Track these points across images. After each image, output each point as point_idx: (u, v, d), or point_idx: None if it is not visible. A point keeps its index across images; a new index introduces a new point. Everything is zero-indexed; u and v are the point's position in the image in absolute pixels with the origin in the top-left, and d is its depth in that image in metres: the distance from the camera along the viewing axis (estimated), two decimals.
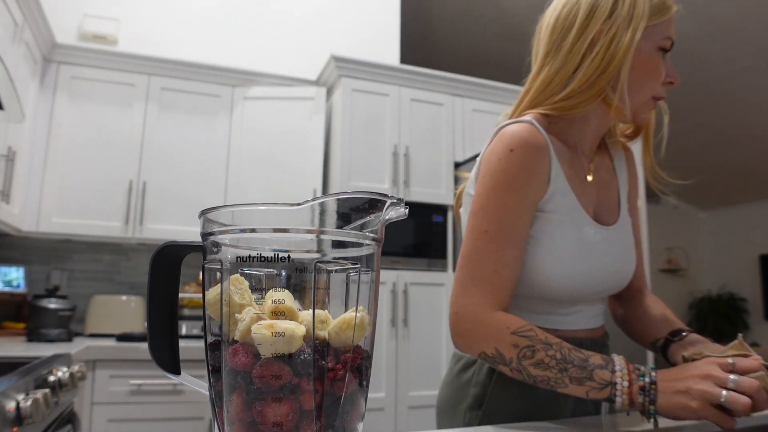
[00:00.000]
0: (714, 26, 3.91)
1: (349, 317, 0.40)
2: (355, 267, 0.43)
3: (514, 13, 4.17)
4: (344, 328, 0.40)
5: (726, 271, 6.84)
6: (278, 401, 0.38)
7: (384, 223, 0.44)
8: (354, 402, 0.42)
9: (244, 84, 2.79)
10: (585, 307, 0.89)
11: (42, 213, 2.42)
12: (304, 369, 0.38)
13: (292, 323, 0.39)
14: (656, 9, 0.82)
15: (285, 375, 0.38)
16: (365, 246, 0.44)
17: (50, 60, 2.52)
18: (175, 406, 2.14)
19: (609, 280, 0.88)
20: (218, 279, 0.42)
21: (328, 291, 0.42)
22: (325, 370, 0.39)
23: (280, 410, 0.38)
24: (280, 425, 0.38)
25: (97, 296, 2.60)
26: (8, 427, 1.09)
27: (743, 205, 6.77)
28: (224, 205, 0.43)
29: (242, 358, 0.39)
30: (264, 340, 0.38)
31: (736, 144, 5.40)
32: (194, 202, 2.62)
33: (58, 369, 1.52)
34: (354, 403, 0.42)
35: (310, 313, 0.40)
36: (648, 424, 0.72)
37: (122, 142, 2.57)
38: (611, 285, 0.90)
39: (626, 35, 0.79)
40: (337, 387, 0.40)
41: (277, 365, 0.38)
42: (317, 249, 0.42)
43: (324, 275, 0.42)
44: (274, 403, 0.38)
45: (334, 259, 0.42)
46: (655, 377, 0.70)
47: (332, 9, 3.33)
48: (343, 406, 0.40)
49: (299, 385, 0.38)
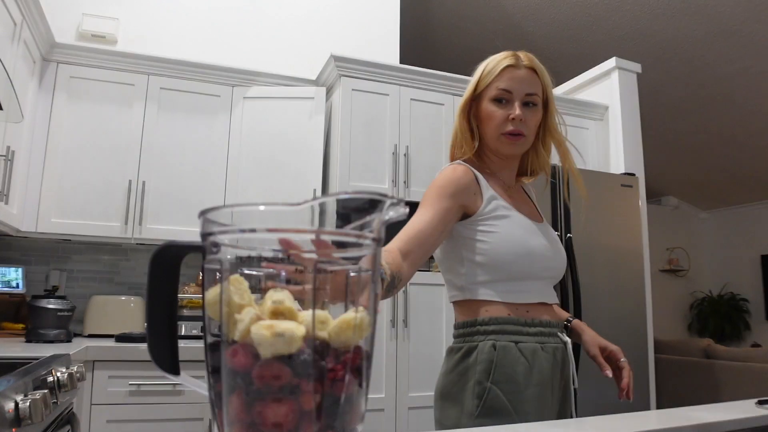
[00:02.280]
0: (714, 26, 3.91)
1: (349, 317, 0.40)
2: (354, 267, 0.42)
3: (514, 13, 4.17)
4: (344, 329, 0.40)
5: (727, 272, 6.84)
6: (278, 401, 0.38)
7: (384, 224, 0.44)
8: (354, 402, 0.41)
9: (244, 84, 2.79)
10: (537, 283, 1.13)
11: (41, 213, 2.42)
12: (303, 370, 0.38)
13: (292, 323, 0.38)
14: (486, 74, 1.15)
15: (285, 375, 0.38)
16: (365, 246, 0.43)
17: (49, 60, 2.51)
18: (174, 406, 2.13)
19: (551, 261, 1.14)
20: (218, 279, 0.41)
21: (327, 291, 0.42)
22: (324, 370, 0.39)
23: (279, 411, 0.38)
24: (280, 425, 0.38)
25: (96, 297, 2.60)
26: (7, 428, 1.09)
27: (744, 206, 6.77)
28: (224, 206, 0.42)
29: (242, 359, 0.39)
30: (264, 340, 0.38)
31: (737, 144, 5.39)
32: (194, 202, 2.61)
33: (57, 369, 1.51)
34: (354, 403, 0.41)
35: (309, 313, 0.40)
36: (648, 423, 0.71)
37: (121, 142, 2.57)
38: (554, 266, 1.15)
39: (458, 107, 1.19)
40: (337, 387, 0.39)
41: (277, 366, 0.38)
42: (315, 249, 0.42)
43: (323, 275, 0.41)
44: (274, 404, 0.38)
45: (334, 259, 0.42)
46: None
47: (332, 9, 3.33)
48: (342, 406, 0.40)
49: (299, 385, 0.38)
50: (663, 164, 5.87)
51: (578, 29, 4.20)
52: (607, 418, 0.89)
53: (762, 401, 0.98)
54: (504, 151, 1.16)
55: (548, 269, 1.14)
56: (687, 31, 4.00)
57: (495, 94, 1.13)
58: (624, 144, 3.14)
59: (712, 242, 7.10)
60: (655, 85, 4.50)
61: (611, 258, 2.67)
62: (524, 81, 1.12)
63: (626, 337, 2.64)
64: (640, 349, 2.69)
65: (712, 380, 4.17)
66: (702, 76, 4.46)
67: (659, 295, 5.61)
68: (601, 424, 0.85)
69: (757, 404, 0.97)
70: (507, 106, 1.12)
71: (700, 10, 3.77)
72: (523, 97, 1.12)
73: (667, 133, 5.35)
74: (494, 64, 1.14)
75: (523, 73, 1.13)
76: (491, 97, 1.13)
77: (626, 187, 2.80)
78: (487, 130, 1.15)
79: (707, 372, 4.22)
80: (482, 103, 1.15)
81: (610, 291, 2.63)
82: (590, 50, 4.33)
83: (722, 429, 0.83)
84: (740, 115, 4.91)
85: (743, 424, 0.85)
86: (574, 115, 3.21)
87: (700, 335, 6.55)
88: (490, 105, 1.14)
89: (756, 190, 6.29)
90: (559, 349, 1.13)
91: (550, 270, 1.14)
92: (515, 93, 1.12)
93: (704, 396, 4.14)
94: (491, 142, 1.15)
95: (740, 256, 6.74)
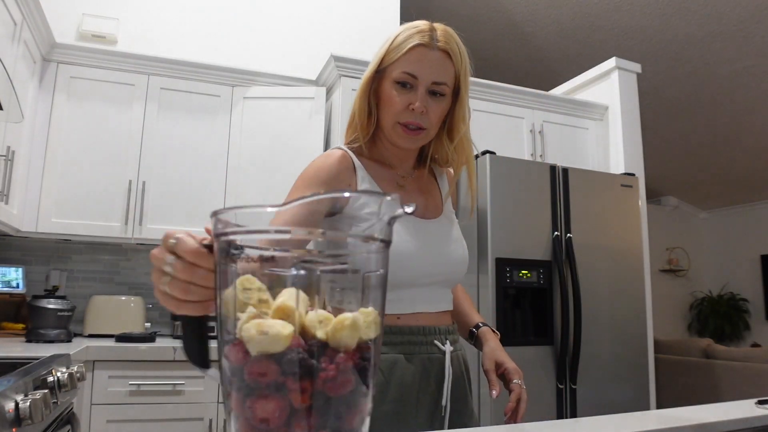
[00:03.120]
0: (714, 26, 3.90)
1: (342, 318, 0.40)
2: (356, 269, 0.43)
3: (514, 13, 4.17)
4: (338, 329, 0.40)
5: (727, 272, 6.83)
6: (265, 398, 0.39)
7: (389, 223, 0.44)
8: (351, 403, 0.41)
9: (244, 84, 2.79)
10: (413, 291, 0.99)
11: (41, 213, 2.42)
12: (289, 368, 0.39)
13: (279, 322, 0.39)
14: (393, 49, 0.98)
15: (271, 373, 0.39)
16: (373, 246, 0.44)
17: (49, 60, 2.51)
18: (174, 406, 2.13)
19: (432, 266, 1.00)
20: (230, 279, 0.42)
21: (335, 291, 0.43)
22: (315, 369, 0.39)
23: (267, 406, 0.39)
24: (267, 421, 0.39)
25: (96, 296, 2.60)
26: (7, 428, 1.09)
27: (744, 206, 6.77)
28: (236, 206, 0.43)
29: (237, 355, 0.40)
30: (251, 338, 0.39)
31: (737, 144, 5.39)
32: (194, 202, 2.62)
33: (57, 369, 1.51)
34: (351, 404, 0.41)
35: (315, 313, 0.41)
36: (648, 423, 0.71)
37: (121, 142, 2.57)
38: (437, 271, 1.01)
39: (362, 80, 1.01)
40: (329, 387, 0.40)
41: (265, 363, 0.39)
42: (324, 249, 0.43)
43: (328, 276, 0.42)
44: (262, 400, 0.39)
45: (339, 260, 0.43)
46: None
47: (332, 9, 3.33)
48: (337, 406, 0.40)
49: (285, 383, 0.39)
50: (663, 164, 5.87)
51: (578, 29, 4.20)
52: (606, 418, 0.89)
53: (762, 401, 0.98)
54: (398, 143, 1.01)
55: (429, 275, 1.00)
56: (687, 31, 3.99)
57: (398, 77, 0.96)
58: (624, 144, 3.14)
59: (711, 242, 7.10)
60: (655, 85, 4.50)
61: (611, 258, 2.67)
62: (434, 66, 0.95)
63: (626, 337, 2.64)
64: (640, 349, 2.69)
65: (712, 380, 4.17)
66: (702, 76, 4.46)
67: (659, 295, 5.60)
68: (601, 424, 0.85)
69: (757, 404, 0.97)
70: (410, 92, 0.96)
71: (701, 10, 3.77)
72: (429, 84, 0.96)
73: (667, 133, 5.35)
74: (404, 38, 0.97)
75: (434, 56, 0.95)
76: (394, 79, 0.97)
77: (626, 187, 2.80)
78: (384, 114, 1.00)
79: (707, 372, 4.22)
80: (384, 82, 0.99)
81: (609, 291, 2.63)
82: (590, 50, 4.33)
83: (722, 429, 0.83)
84: (740, 115, 4.90)
85: (743, 424, 0.85)
86: (574, 115, 3.21)
87: (700, 335, 6.55)
88: (391, 87, 0.97)
89: (756, 190, 6.29)
90: (435, 360, 0.99)
91: (431, 276, 1.00)
92: (421, 79, 0.95)
93: (704, 396, 4.14)
94: (386, 128, 1.00)
95: (740, 256, 6.74)
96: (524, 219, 2.50)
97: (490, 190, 2.45)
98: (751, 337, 6.41)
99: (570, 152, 3.14)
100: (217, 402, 2.18)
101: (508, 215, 2.47)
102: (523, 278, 2.44)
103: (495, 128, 2.97)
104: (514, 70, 4.72)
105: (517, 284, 2.43)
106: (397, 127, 0.98)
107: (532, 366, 2.38)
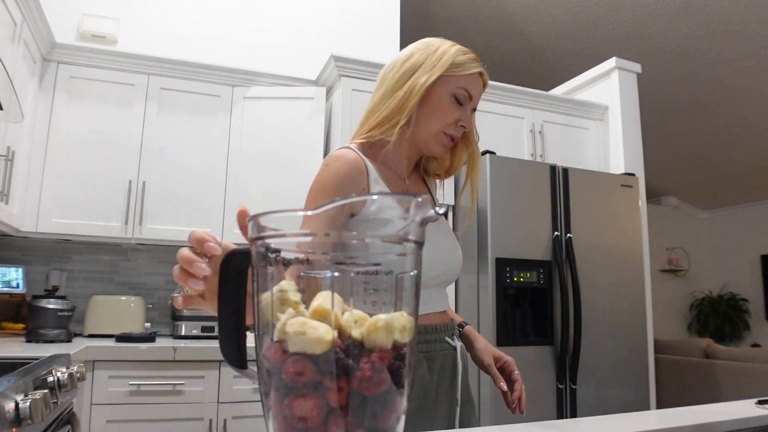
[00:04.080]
0: (714, 26, 3.90)
1: (375, 319, 0.42)
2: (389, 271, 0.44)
3: (514, 12, 4.17)
4: (372, 330, 0.41)
5: (727, 272, 6.84)
6: (303, 397, 0.41)
7: (421, 224, 0.45)
8: (387, 402, 0.43)
9: (244, 84, 2.79)
10: (427, 291, 1.03)
11: (41, 213, 2.42)
12: (326, 367, 0.40)
13: (324, 326, 0.41)
14: (456, 64, 1.03)
15: (308, 372, 0.40)
16: (407, 248, 0.45)
17: (49, 60, 2.51)
18: (174, 406, 2.13)
19: (438, 267, 1.05)
20: (268, 283, 0.44)
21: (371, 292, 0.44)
22: (351, 369, 0.41)
23: (305, 405, 0.40)
24: (305, 419, 0.41)
25: (96, 296, 2.60)
26: (7, 428, 1.09)
27: (744, 206, 6.77)
28: (274, 211, 0.44)
29: (275, 355, 0.41)
30: (294, 334, 0.41)
31: (737, 144, 5.39)
32: (194, 202, 2.62)
33: (57, 369, 1.51)
34: (387, 403, 0.43)
35: (350, 313, 0.42)
36: (648, 423, 0.71)
37: (121, 142, 2.57)
38: (441, 273, 1.05)
39: (422, 78, 1.01)
40: (364, 386, 0.41)
41: (302, 362, 0.40)
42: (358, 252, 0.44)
43: (362, 277, 0.43)
44: (300, 398, 0.41)
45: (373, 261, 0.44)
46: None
47: (332, 9, 3.33)
48: (373, 405, 0.41)
49: (322, 382, 0.40)
50: (663, 164, 5.87)
51: (578, 29, 4.20)
52: (606, 418, 0.89)
53: (762, 401, 0.98)
54: (432, 149, 1.06)
55: (436, 277, 1.05)
56: (687, 31, 4.00)
57: (458, 92, 1.03)
58: (624, 144, 3.14)
59: (712, 242, 7.10)
60: (655, 85, 4.50)
61: (611, 258, 2.67)
62: (480, 94, 1.08)
63: (626, 337, 2.64)
64: (640, 349, 2.69)
65: (712, 380, 4.17)
66: (702, 76, 4.46)
67: (659, 295, 5.61)
68: (601, 424, 0.85)
69: (757, 404, 0.97)
70: (460, 108, 1.04)
71: (700, 10, 3.77)
72: (474, 107, 1.08)
73: (667, 133, 5.35)
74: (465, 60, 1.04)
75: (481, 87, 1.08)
76: (453, 93, 1.03)
77: (626, 187, 2.80)
78: (431, 120, 1.03)
79: (707, 372, 4.22)
80: (438, 88, 1.03)
81: (609, 291, 2.63)
82: (590, 50, 4.33)
83: (722, 429, 0.83)
84: (740, 115, 4.90)
85: (743, 424, 0.85)
86: (574, 115, 3.21)
87: (700, 335, 6.55)
88: (449, 99, 1.03)
89: (756, 190, 6.29)
90: (449, 356, 1.05)
91: (438, 277, 1.06)
92: (474, 101, 1.06)
93: (704, 396, 4.15)
94: (426, 132, 1.04)
95: (740, 256, 6.74)
96: (524, 219, 2.50)
97: (490, 190, 2.45)
98: (751, 337, 6.41)
99: (570, 152, 3.14)
100: (217, 402, 2.18)
101: (508, 215, 2.47)
102: (523, 278, 2.44)
103: (495, 128, 2.97)
104: (514, 70, 4.72)
105: (517, 284, 2.43)
106: (440, 136, 1.05)
107: (532, 366, 2.38)
